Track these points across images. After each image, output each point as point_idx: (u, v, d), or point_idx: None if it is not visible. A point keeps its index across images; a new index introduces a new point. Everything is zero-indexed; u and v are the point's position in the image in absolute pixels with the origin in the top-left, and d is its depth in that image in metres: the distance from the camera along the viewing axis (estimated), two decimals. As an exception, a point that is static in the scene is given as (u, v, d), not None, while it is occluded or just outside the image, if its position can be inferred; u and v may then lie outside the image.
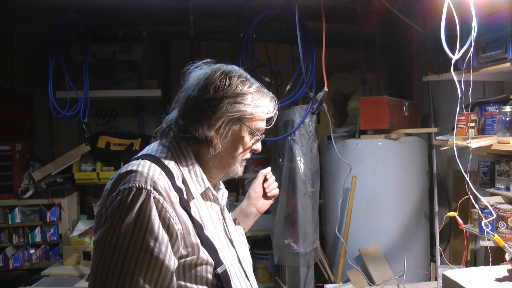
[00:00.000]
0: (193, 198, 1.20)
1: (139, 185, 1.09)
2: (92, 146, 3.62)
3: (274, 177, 1.59)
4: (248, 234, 4.13)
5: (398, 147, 3.17)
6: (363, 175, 3.13)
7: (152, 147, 1.27)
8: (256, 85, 1.27)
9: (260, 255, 3.79)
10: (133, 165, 1.16)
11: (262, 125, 1.29)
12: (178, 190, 1.16)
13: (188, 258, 1.14)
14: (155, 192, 1.09)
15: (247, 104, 1.23)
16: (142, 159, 1.18)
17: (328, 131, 3.31)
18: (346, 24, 3.92)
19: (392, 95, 3.44)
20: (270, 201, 1.60)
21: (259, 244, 3.96)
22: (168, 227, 1.09)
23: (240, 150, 1.28)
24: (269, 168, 1.59)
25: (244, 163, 1.33)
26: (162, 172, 1.15)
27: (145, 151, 1.27)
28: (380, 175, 3.16)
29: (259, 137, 1.30)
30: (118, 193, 1.09)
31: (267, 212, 3.77)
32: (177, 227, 1.11)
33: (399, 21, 3.33)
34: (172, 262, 1.09)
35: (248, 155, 1.32)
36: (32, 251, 3.56)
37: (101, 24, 3.77)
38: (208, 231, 1.20)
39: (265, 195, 1.58)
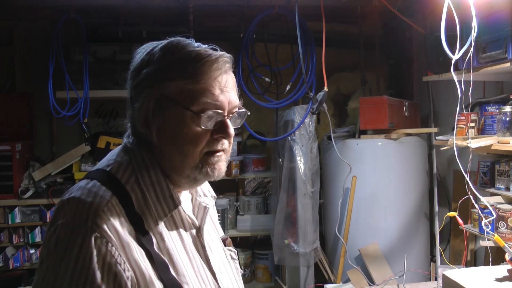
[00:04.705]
0: (156, 226, 0.95)
1: (78, 222, 0.87)
2: (92, 146, 3.61)
3: None
4: (248, 234, 4.14)
5: (398, 147, 3.16)
6: (363, 175, 3.13)
7: (112, 155, 1.02)
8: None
9: (260, 255, 3.79)
10: (77, 189, 0.93)
11: (206, 97, 0.95)
12: (135, 218, 0.92)
13: None
14: (96, 232, 0.86)
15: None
16: (92, 179, 0.94)
17: (328, 131, 3.31)
18: (346, 24, 3.92)
19: (392, 95, 3.44)
20: None
21: (259, 244, 3.96)
22: (114, 275, 0.87)
23: (185, 139, 0.96)
24: None
25: (216, 159, 0.99)
26: (114, 197, 0.91)
27: (103, 160, 1.02)
28: (380, 175, 3.15)
29: (206, 115, 0.95)
30: (55, 229, 0.88)
31: (267, 212, 3.79)
32: (127, 274, 0.88)
33: (399, 21, 3.33)
34: None
35: (219, 145, 0.98)
36: (32, 251, 3.55)
37: (101, 24, 3.76)
38: (179, 268, 0.96)
39: None
